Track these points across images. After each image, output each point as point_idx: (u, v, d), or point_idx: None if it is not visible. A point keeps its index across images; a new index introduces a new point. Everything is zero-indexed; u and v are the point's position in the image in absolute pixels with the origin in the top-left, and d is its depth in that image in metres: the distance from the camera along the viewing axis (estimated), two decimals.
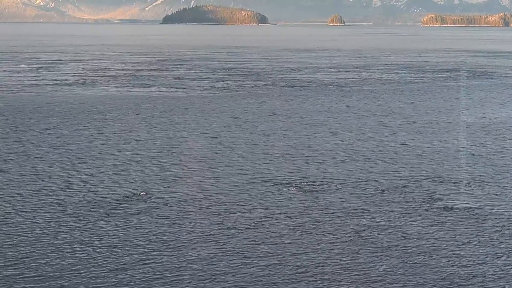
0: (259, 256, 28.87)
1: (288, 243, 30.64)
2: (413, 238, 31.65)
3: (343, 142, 55.21)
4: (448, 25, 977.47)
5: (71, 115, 68.55)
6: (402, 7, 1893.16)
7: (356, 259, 28.88)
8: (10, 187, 39.53)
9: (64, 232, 31.76)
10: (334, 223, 33.71)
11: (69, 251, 29.27)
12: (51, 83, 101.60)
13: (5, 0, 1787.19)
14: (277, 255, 29.16)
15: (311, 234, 31.85)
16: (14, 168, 44.31)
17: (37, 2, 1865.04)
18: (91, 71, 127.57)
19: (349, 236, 31.71)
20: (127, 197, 37.83)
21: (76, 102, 78.82)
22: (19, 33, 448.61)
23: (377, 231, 32.54)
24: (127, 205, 36.18)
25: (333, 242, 30.81)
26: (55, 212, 34.56)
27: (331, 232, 32.31)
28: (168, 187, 40.17)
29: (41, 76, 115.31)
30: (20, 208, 35.38)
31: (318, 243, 30.60)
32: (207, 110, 73.60)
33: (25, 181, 40.91)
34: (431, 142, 56.02)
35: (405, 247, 30.41)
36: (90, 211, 34.89)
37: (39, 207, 35.66)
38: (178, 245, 30.27)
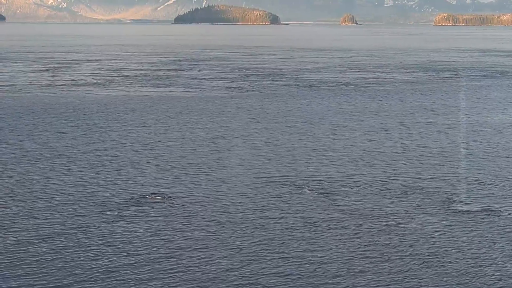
0: (274, 259, 27.81)
1: (304, 246, 29.53)
2: (434, 241, 30.47)
3: (362, 143, 54.10)
4: (460, 25, 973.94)
5: (86, 116, 67.71)
6: (414, 6, 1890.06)
7: (374, 262, 27.76)
8: (25, 189, 38.60)
9: (77, 233, 30.77)
10: (351, 225, 32.58)
11: (81, 252, 28.37)
12: (65, 84, 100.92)
13: (18, 1, 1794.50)
14: (294, 258, 28.09)
15: (328, 237, 30.73)
16: (29, 170, 43.39)
17: (49, 3, 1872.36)
18: (106, 71, 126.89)
19: (367, 239, 30.57)
20: (142, 198, 36.87)
21: (90, 103, 78.02)
22: (32, 33, 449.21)
23: (397, 233, 31.39)
24: (142, 206, 35.16)
25: (351, 245, 29.69)
26: (69, 214, 33.58)
27: (348, 234, 31.18)
28: (183, 188, 39.14)
29: (55, 76, 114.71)
30: (33, 210, 34.42)
31: (336, 246, 29.48)
32: (223, 110, 72.62)
33: (39, 183, 39.97)
34: (452, 142, 54.82)
35: (426, 250, 29.25)
36: (105, 212, 33.87)
37: (52, 208, 34.67)
38: (191, 247, 29.25)
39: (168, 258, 28.15)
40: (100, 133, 57.78)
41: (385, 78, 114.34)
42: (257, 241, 30.21)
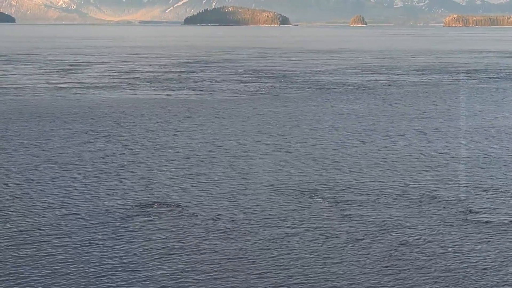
0: (287, 273, 26.27)
1: (316, 257, 28.04)
2: (455, 254, 28.89)
3: (378, 149, 52.45)
4: (470, 26, 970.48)
5: (93, 119, 66.30)
6: (423, 7, 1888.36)
7: (393, 276, 26.26)
8: (29, 195, 37.16)
9: (83, 243, 29.38)
10: (367, 237, 30.98)
11: (86, 262, 27.01)
12: (74, 86, 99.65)
13: (28, 2, 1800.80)
14: (304, 270, 26.62)
15: (344, 250, 29.12)
16: (34, 175, 41.94)
17: (59, 4, 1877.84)
18: (115, 73, 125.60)
19: (385, 252, 29.01)
20: (150, 206, 35.46)
21: (99, 106, 76.63)
22: (42, 34, 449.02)
23: (414, 245, 29.82)
24: (150, 215, 33.74)
25: (366, 257, 28.08)
26: (75, 222, 32.16)
27: (363, 246, 29.60)
28: (192, 196, 37.63)
29: (63, 79, 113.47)
30: (37, 218, 33.04)
31: (349, 259, 27.90)
32: (234, 114, 71.07)
33: (44, 189, 38.51)
34: (470, 148, 53.15)
35: (446, 264, 27.71)
36: (111, 222, 32.40)
37: (57, 216, 33.27)
38: (199, 256, 27.92)
39: (176, 271, 26.65)
40: (108, 137, 56.34)
41: (398, 80, 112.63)
42: (269, 254, 28.65)
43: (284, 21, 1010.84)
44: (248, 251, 29.21)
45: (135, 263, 27.70)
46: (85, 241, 30.24)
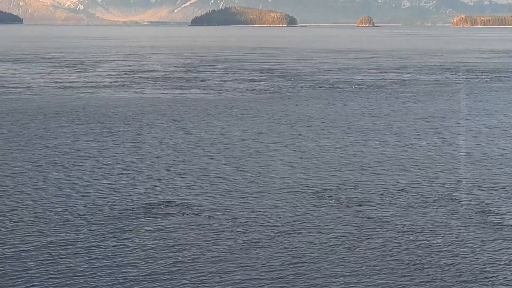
0: (301, 276, 25.00)
1: (333, 263, 26.83)
2: (474, 257, 27.78)
3: (392, 148, 51.08)
4: (478, 26, 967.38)
5: (100, 118, 65.12)
6: (431, 8, 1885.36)
7: (408, 277, 25.14)
8: (36, 194, 36.00)
9: (89, 242, 28.39)
10: (383, 238, 29.76)
11: (93, 261, 26.16)
12: (81, 86, 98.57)
13: (35, 3, 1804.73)
14: (318, 270, 25.51)
15: (359, 252, 27.91)
16: (41, 174, 40.78)
17: (66, 5, 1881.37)
18: (124, 72, 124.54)
19: (402, 253, 27.83)
20: (157, 206, 34.42)
21: (106, 105, 75.45)
22: (50, 35, 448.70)
23: (429, 247, 28.64)
24: (157, 215, 32.66)
25: (384, 260, 26.83)
26: (81, 221, 31.00)
27: (377, 248, 28.38)
28: (202, 194, 36.45)
29: (70, 78, 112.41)
30: (47, 215, 32.06)
31: (368, 262, 26.64)
32: (244, 113, 69.78)
33: (51, 188, 37.34)
34: (485, 147, 51.79)
35: (465, 265, 26.66)
36: (118, 221, 31.23)
37: (64, 216, 32.24)
38: (207, 257, 26.90)
39: (184, 271, 25.40)
40: (115, 137, 55.14)
41: (410, 80, 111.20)
42: (280, 256, 27.37)
43: (291, 21, 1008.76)
44: (259, 250, 27.96)
45: (142, 262, 26.55)
46: (91, 240, 29.14)
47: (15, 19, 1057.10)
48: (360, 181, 40.44)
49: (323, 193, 37.40)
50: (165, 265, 26.62)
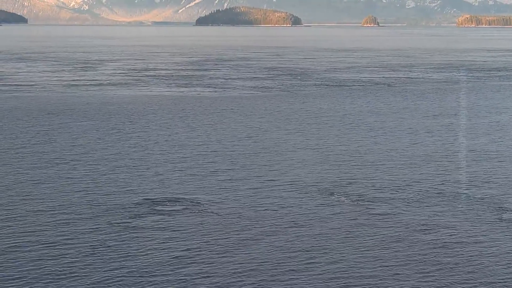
0: (312, 277, 24.07)
1: (344, 258, 25.94)
2: (488, 253, 26.84)
3: (402, 145, 50.05)
4: (483, 26, 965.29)
5: (108, 115, 64.28)
6: (436, 8, 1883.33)
7: (423, 277, 24.18)
8: (40, 192, 35.14)
9: (94, 241, 27.50)
10: (397, 237, 28.72)
11: (98, 261, 25.16)
12: (86, 84, 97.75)
13: (40, 3, 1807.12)
14: (332, 271, 24.54)
15: (372, 251, 26.89)
16: (45, 172, 39.92)
17: (71, 5, 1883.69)
18: (129, 71, 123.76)
19: (415, 251, 26.85)
20: (163, 204, 33.48)
21: (111, 103, 74.62)
22: (55, 34, 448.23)
23: (442, 244, 27.70)
24: (163, 213, 31.73)
25: (398, 260, 25.84)
26: (86, 220, 30.11)
27: (395, 247, 27.37)
28: (208, 192, 35.53)
29: (75, 76, 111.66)
30: (51, 213, 31.15)
31: (379, 259, 25.67)
32: (251, 110, 68.85)
33: (55, 186, 36.48)
34: (498, 144, 50.79)
35: (481, 263, 25.66)
36: (123, 220, 30.32)
37: (68, 214, 31.35)
38: (214, 254, 25.91)
39: (191, 267, 24.49)
40: (121, 134, 54.30)
41: (417, 78, 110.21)
42: (290, 253, 26.45)
43: (296, 21, 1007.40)
44: (267, 250, 27.02)
45: (148, 263, 25.66)
46: (96, 239, 28.27)
47: (19, 19, 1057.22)
48: (371, 177, 39.48)
49: (333, 190, 36.46)
50: (172, 262, 25.81)
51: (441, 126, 59.20)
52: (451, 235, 29.08)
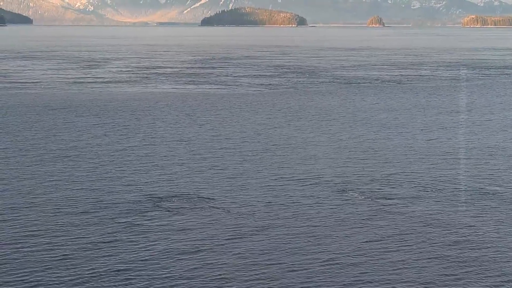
0: (329, 279, 22.80)
1: (360, 255, 24.71)
2: (507, 252, 25.58)
3: (417, 142, 48.72)
4: (489, 26, 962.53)
5: (114, 112, 63.08)
6: (441, 8, 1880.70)
7: (440, 275, 22.92)
8: (46, 190, 33.96)
9: (100, 235, 26.47)
10: (420, 236, 27.42)
11: (103, 255, 24.32)
12: (94, 81, 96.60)
13: (45, 4, 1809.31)
14: (347, 269, 23.37)
15: (394, 251, 25.61)
16: (51, 169, 38.73)
17: (76, 6, 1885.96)
18: (136, 69, 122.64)
19: (432, 249, 25.63)
20: (169, 198, 32.45)
21: (119, 100, 73.43)
22: (61, 34, 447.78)
23: (464, 243, 26.40)
24: (171, 206, 30.62)
25: (423, 261, 24.54)
26: (92, 218, 28.93)
27: (418, 248, 26.05)
28: (217, 189, 34.30)
29: (84, 74, 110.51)
30: (56, 209, 30.08)
31: (396, 257, 24.38)
32: (259, 107, 67.59)
33: (61, 184, 35.27)
34: None
35: (499, 262, 24.44)
36: (130, 219, 29.08)
37: (73, 209, 30.27)
38: (226, 256, 24.60)
39: (200, 266, 23.24)
40: (127, 131, 53.07)
41: (427, 75, 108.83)
42: (299, 253, 25.14)
43: (301, 22, 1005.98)
44: (282, 246, 25.75)
45: (156, 260, 24.53)
46: (102, 236, 27.15)
47: (25, 20, 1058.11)
48: (385, 174, 38.16)
49: (346, 187, 35.15)
50: (179, 261, 24.68)
51: (455, 123, 57.87)
52: (467, 233, 27.77)
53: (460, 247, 26.03)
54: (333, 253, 25.38)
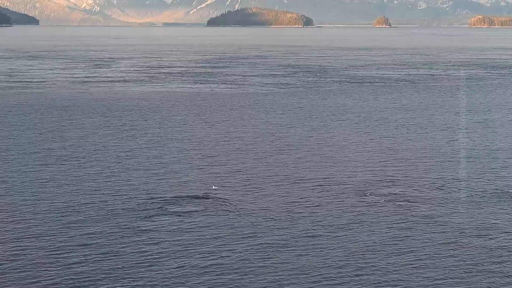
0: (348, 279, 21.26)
1: (377, 260, 23.40)
2: None
3: (438, 142, 47.01)
4: (496, 27, 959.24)
5: (123, 112, 61.55)
6: (447, 9, 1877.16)
7: (474, 282, 21.44)
8: (53, 188, 32.40)
9: (106, 235, 25.68)
10: (439, 235, 26.07)
11: (111, 254, 23.68)
12: (101, 80, 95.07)
13: (51, 5, 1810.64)
14: (378, 275, 21.98)
15: (413, 251, 24.22)
16: (58, 169, 37.18)
17: (82, 6, 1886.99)
18: (146, 68, 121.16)
19: (452, 251, 24.36)
20: (180, 197, 31.39)
21: (127, 99, 71.86)
22: (67, 34, 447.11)
23: (485, 244, 25.11)
24: (181, 205, 29.75)
25: (446, 261, 23.06)
26: (101, 218, 27.48)
27: (430, 245, 24.77)
28: (226, 188, 32.82)
29: (91, 73, 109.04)
30: (63, 210, 29.04)
31: (428, 263, 22.84)
32: (270, 106, 65.91)
33: (69, 182, 33.71)
34: None
35: None
36: (139, 218, 27.55)
37: (80, 209, 29.21)
38: (235, 255, 23.49)
39: (212, 267, 21.69)
40: (135, 131, 51.48)
41: (440, 75, 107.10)
42: (326, 254, 23.55)
43: (307, 22, 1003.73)
44: (295, 248, 24.16)
45: (165, 258, 23.33)
46: (107, 236, 26.00)
47: (31, 21, 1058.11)
48: (406, 176, 36.57)
49: (367, 189, 33.55)
50: (190, 260, 23.37)
51: (475, 123, 56.14)
52: (494, 235, 26.21)
53: (479, 247, 24.47)
54: (352, 252, 23.81)
